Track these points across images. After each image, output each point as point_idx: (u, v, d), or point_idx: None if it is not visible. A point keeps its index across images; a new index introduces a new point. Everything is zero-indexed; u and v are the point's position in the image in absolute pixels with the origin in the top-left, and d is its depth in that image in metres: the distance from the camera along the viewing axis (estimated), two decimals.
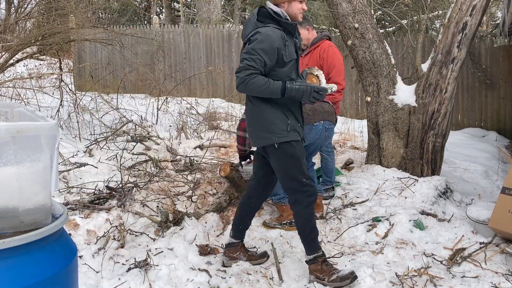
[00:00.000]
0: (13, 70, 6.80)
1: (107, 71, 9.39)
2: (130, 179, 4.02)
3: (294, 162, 2.56)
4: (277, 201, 3.33)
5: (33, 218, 1.38)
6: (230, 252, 2.82)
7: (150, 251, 2.82)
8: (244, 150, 3.56)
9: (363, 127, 5.88)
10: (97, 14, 9.66)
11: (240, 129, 3.43)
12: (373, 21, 4.46)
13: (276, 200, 3.33)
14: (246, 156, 3.64)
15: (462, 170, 4.78)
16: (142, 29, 9.84)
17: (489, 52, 7.75)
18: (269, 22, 2.53)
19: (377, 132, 4.41)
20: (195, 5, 14.31)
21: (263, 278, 2.64)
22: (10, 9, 7.80)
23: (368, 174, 4.20)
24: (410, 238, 3.13)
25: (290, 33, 2.57)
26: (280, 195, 3.33)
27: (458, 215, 3.51)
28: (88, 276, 2.58)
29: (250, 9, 15.14)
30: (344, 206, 3.64)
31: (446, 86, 4.10)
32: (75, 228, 3.09)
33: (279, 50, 2.47)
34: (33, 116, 1.59)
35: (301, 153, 2.61)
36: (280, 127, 2.52)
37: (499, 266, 2.77)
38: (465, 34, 4.01)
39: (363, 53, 4.36)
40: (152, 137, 5.45)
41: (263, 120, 2.54)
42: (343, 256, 2.92)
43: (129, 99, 8.08)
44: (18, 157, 1.32)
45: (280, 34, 2.50)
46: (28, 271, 1.29)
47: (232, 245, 2.84)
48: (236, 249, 2.82)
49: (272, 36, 2.46)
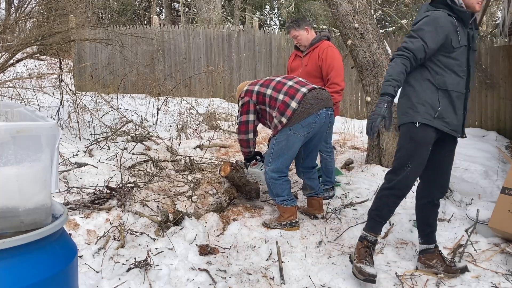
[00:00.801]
0: (13, 70, 6.80)
1: (107, 71, 9.40)
2: (130, 179, 4.02)
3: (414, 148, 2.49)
4: (279, 203, 3.32)
5: (33, 218, 1.38)
6: (427, 259, 2.72)
7: (150, 251, 2.82)
8: (249, 151, 3.56)
9: (363, 127, 5.88)
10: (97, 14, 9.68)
11: (241, 132, 3.42)
12: (373, 21, 4.46)
13: (279, 202, 3.32)
14: (251, 158, 3.64)
15: (462, 170, 4.78)
16: (142, 29, 9.85)
17: (489, 52, 7.75)
18: (441, 7, 2.47)
19: (377, 132, 4.41)
20: (195, 5, 14.31)
21: (263, 278, 2.64)
22: (10, 9, 7.80)
23: (368, 174, 4.20)
24: (410, 238, 3.13)
25: (462, 21, 2.47)
26: (283, 197, 3.31)
27: (458, 215, 3.51)
28: (88, 276, 2.58)
29: (250, 9, 15.15)
30: (344, 206, 3.64)
31: None
32: (75, 228, 3.09)
33: (447, 34, 2.40)
34: (33, 116, 1.59)
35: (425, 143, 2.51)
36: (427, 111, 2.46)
37: (499, 266, 2.77)
38: None
39: (363, 53, 4.36)
40: (152, 137, 5.45)
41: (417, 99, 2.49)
42: (343, 256, 2.92)
43: (129, 99, 8.08)
44: (18, 157, 1.32)
45: (451, 20, 2.42)
46: (28, 271, 1.29)
47: (428, 251, 2.73)
48: (433, 256, 2.72)
49: (440, 19, 2.40)
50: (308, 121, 3.12)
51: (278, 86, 3.26)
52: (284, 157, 3.22)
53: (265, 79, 3.43)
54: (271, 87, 3.28)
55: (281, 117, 3.15)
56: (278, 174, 3.26)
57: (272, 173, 3.27)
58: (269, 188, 3.35)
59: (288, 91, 3.19)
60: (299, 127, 3.13)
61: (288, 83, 3.26)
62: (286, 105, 3.13)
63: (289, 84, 3.24)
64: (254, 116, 3.36)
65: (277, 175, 3.26)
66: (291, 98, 3.14)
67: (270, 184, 3.31)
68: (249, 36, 9.38)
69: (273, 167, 3.26)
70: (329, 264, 2.82)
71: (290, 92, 3.18)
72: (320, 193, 3.52)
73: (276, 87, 3.26)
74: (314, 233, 3.24)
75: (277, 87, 3.26)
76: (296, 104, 3.10)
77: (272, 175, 3.26)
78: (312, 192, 3.48)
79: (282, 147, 3.20)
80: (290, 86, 3.21)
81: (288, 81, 3.29)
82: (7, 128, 1.30)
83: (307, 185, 3.48)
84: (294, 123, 3.11)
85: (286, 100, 3.15)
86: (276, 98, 3.21)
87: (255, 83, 3.42)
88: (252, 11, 15.26)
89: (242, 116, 3.37)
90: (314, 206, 3.50)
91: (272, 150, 3.27)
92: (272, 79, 3.38)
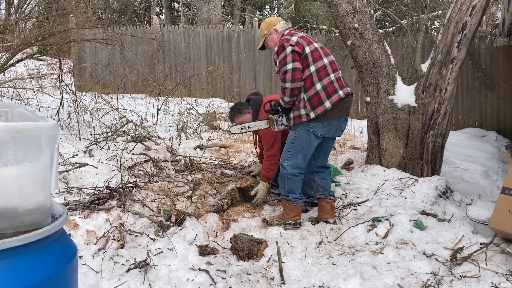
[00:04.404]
0: (13, 71, 6.81)
1: (107, 71, 9.40)
2: (130, 179, 4.02)
3: None
4: (291, 200, 3.25)
5: (33, 218, 1.38)
6: None
7: (150, 251, 2.82)
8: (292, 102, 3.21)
9: (363, 127, 5.88)
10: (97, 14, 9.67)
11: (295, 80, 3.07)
12: (373, 21, 4.46)
13: (291, 199, 3.24)
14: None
15: (462, 170, 4.78)
16: (142, 29, 9.85)
17: (488, 52, 7.75)
18: None
19: (377, 132, 4.41)
20: (195, 5, 14.31)
21: (263, 278, 2.64)
22: (10, 10, 7.80)
23: (368, 174, 4.20)
24: (410, 238, 3.13)
25: None
26: (296, 194, 3.27)
27: (458, 215, 3.51)
28: (88, 277, 2.58)
29: (250, 9, 15.15)
30: (344, 206, 3.64)
31: (445, 86, 4.10)
32: (75, 229, 3.08)
33: None
34: (33, 116, 1.59)
35: None
36: None
37: (499, 266, 2.77)
38: (464, 34, 4.01)
39: (363, 53, 4.36)
40: (152, 137, 5.45)
41: None
42: (343, 256, 2.92)
43: (129, 99, 8.09)
44: (18, 157, 1.32)
45: None
46: (28, 272, 1.29)
47: None
48: None
49: None
50: (330, 123, 3.14)
51: (322, 72, 3.13)
52: (304, 153, 3.20)
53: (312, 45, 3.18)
54: (316, 67, 3.13)
55: (310, 110, 3.10)
56: (297, 170, 3.23)
57: (292, 169, 3.22)
58: (283, 182, 3.28)
59: (328, 87, 3.13)
60: (320, 126, 3.13)
61: (331, 76, 3.16)
62: (320, 101, 3.10)
63: (331, 78, 3.16)
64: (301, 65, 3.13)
65: (296, 171, 3.22)
66: (327, 96, 3.10)
67: (286, 179, 3.25)
68: (249, 36, 9.38)
69: (292, 163, 3.21)
70: (329, 264, 2.81)
71: (329, 89, 3.12)
72: (332, 196, 3.47)
73: (320, 70, 3.13)
74: (314, 233, 3.23)
75: (320, 72, 3.13)
76: (330, 105, 3.10)
77: (292, 171, 3.22)
78: (325, 194, 3.42)
79: (302, 143, 3.17)
80: (331, 82, 3.14)
81: (331, 71, 3.17)
82: (7, 128, 1.30)
83: (320, 185, 3.43)
84: (319, 121, 3.11)
85: (322, 96, 3.10)
86: (313, 83, 3.11)
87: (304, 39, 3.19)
88: (252, 11, 15.26)
89: (295, 62, 3.08)
90: (326, 210, 3.41)
91: (291, 145, 3.21)
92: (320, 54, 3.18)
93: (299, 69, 3.09)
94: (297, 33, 3.26)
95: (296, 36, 3.19)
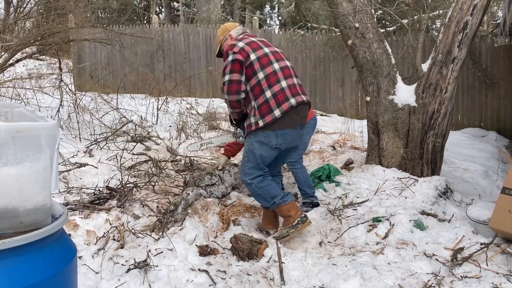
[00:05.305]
0: (12, 70, 6.79)
1: (106, 71, 9.40)
2: (130, 179, 4.01)
3: None
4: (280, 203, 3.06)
5: (33, 218, 1.38)
6: None
7: (149, 251, 2.82)
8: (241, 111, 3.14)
9: (363, 127, 5.87)
10: (96, 14, 9.67)
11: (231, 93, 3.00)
12: (374, 20, 4.46)
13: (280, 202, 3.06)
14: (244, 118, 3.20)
15: (462, 170, 4.78)
16: (141, 29, 9.83)
17: (489, 52, 7.75)
18: None
19: (377, 132, 4.41)
20: (195, 5, 14.30)
21: (263, 279, 2.63)
22: (9, 9, 7.79)
23: (368, 174, 4.19)
24: (410, 239, 3.12)
25: None
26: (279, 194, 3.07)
27: (458, 215, 3.51)
28: (88, 277, 2.58)
29: (250, 9, 15.15)
30: (344, 206, 3.63)
31: (446, 86, 4.10)
32: (74, 229, 3.08)
33: None
34: (33, 117, 1.59)
35: None
36: None
37: (500, 266, 2.76)
38: (465, 34, 4.00)
39: (363, 53, 4.36)
40: (152, 137, 5.45)
41: None
42: (343, 257, 2.91)
43: (129, 99, 8.08)
44: (18, 157, 1.32)
45: None
46: (28, 272, 1.29)
47: None
48: None
49: None
50: (284, 132, 2.95)
51: (272, 79, 2.96)
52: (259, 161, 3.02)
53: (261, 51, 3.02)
54: (265, 73, 2.96)
55: (259, 118, 2.93)
56: (261, 177, 3.05)
57: (257, 182, 3.04)
58: (259, 197, 3.11)
59: (278, 94, 2.93)
60: (273, 136, 2.94)
61: (282, 83, 2.97)
62: (270, 110, 2.91)
63: (283, 85, 2.96)
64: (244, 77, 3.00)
65: (261, 178, 3.05)
66: (277, 104, 2.91)
67: (259, 191, 3.06)
68: None
69: (254, 176, 3.04)
70: (330, 265, 2.81)
71: (279, 97, 2.93)
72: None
73: (269, 77, 2.96)
74: (314, 233, 3.22)
75: (270, 79, 2.95)
76: (279, 114, 2.90)
77: (258, 183, 3.04)
78: None
79: (254, 154, 3.01)
80: (282, 90, 2.95)
81: (282, 78, 2.98)
82: (7, 128, 1.30)
83: None
84: (271, 129, 2.94)
85: (272, 104, 2.91)
86: (262, 90, 2.94)
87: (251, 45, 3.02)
88: (252, 11, 15.26)
89: (233, 74, 2.96)
90: (267, 220, 3.26)
91: (247, 158, 3.05)
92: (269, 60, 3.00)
93: (236, 81, 2.95)
94: (248, 38, 3.10)
95: (244, 42, 3.03)
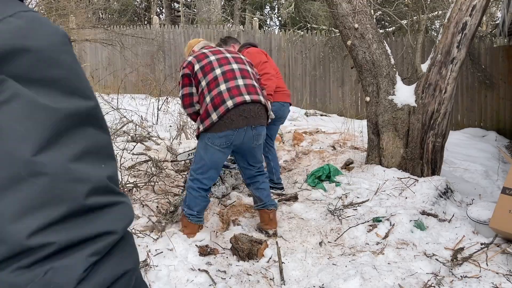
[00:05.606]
0: None
1: (107, 72, 9.41)
2: (130, 179, 4.02)
3: None
4: (185, 215, 3.10)
5: None
6: None
7: (149, 251, 2.82)
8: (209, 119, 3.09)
9: (363, 127, 5.88)
10: (97, 15, 9.68)
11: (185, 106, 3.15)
12: (373, 21, 4.46)
13: (186, 214, 3.09)
14: None
15: (462, 170, 4.78)
16: (142, 30, 9.85)
17: (488, 52, 7.75)
18: None
19: (377, 132, 4.41)
20: (195, 5, 14.31)
21: (263, 279, 2.64)
22: None
23: (368, 174, 4.20)
24: (410, 239, 3.12)
25: None
26: (193, 211, 3.09)
27: (458, 215, 3.51)
28: None
29: (250, 9, 15.15)
30: (344, 206, 3.63)
31: (445, 86, 4.10)
32: None
33: None
34: None
35: None
36: None
37: (500, 266, 2.76)
38: (464, 34, 4.01)
39: (362, 53, 4.36)
40: (152, 137, 5.45)
41: None
42: (343, 257, 2.91)
43: (130, 99, 8.08)
44: None
45: None
46: None
47: None
48: None
49: None
50: (227, 134, 2.93)
51: (212, 84, 2.98)
52: (204, 168, 3.01)
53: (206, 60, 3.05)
54: (206, 80, 2.99)
55: (200, 123, 2.98)
56: (197, 185, 3.02)
57: (191, 182, 3.05)
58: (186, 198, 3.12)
59: (215, 98, 2.93)
60: (216, 137, 2.94)
61: (221, 86, 2.96)
62: (207, 114, 2.93)
63: (221, 88, 2.95)
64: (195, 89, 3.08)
65: (196, 185, 3.03)
66: (214, 108, 2.92)
67: (187, 192, 3.08)
68: (249, 36, 9.38)
69: (196, 174, 3.04)
70: (330, 264, 2.81)
71: (216, 101, 2.92)
72: (271, 205, 3.27)
73: (210, 83, 2.98)
74: (314, 233, 3.23)
75: (210, 85, 2.98)
76: (216, 118, 2.90)
77: (191, 184, 3.04)
78: (261, 205, 3.27)
79: (201, 156, 3.02)
80: (219, 93, 2.94)
81: (222, 81, 2.98)
82: None
83: (255, 196, 3.29)
84: (213, 131, 2.93)
85: (209, 108, 2.93)
86: (204, 97, 2.98)
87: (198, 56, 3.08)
88: (252, 11, 15.26)
89: (184, 88, 3.07)
90: (265, 221, 3.27)
91: (195, 158, 3.09)
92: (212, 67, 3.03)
93: (187, 94, 3.06)
94: (201, 51, 3.14)
95: (193, 55, 3.09)
